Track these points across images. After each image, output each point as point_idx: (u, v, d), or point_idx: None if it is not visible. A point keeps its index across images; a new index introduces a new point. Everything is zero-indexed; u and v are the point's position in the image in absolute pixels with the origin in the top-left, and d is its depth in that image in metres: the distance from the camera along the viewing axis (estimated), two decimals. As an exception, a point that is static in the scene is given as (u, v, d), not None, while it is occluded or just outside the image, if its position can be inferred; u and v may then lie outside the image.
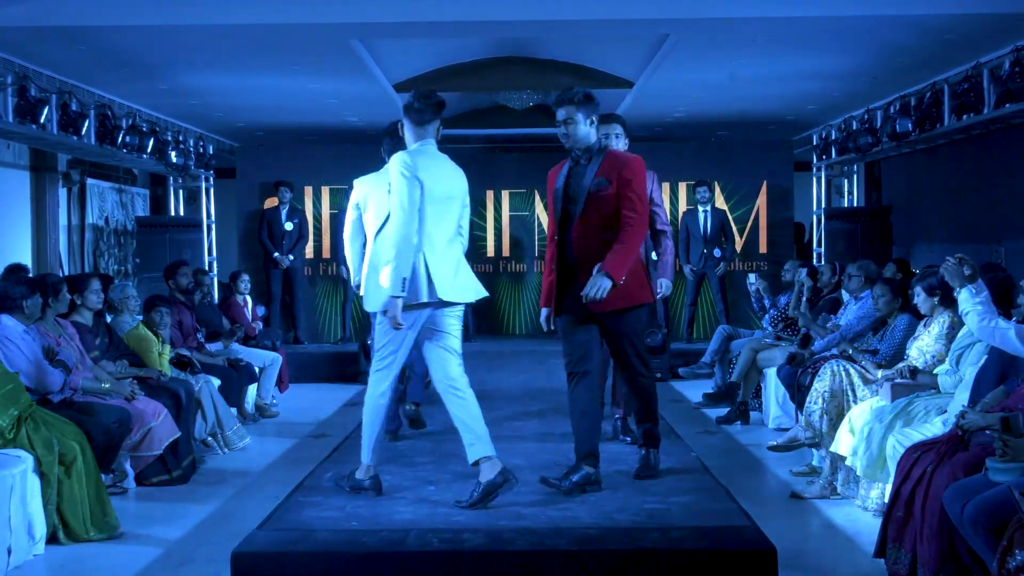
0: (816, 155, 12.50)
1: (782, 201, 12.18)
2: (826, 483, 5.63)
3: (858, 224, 11.90)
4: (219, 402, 7.14)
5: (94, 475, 5.12)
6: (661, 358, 10.45)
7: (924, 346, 5.57)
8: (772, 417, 7.52)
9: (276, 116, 11.00)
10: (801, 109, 10.81)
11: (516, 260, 12.65)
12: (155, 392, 6.31)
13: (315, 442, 7.48)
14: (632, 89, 9.80)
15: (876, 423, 5.17)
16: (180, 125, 11.16)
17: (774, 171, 12.16)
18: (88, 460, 5.11)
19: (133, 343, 6.78)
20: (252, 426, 8.07)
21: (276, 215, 11.56)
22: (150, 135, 9.86)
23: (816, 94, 9.89)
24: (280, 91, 9.51)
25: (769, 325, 8.42)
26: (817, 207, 12.80)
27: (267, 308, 11.28)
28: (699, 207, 11.37)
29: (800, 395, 6.47)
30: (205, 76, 8.80)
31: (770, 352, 7.85)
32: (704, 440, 7.32)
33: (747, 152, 12.20)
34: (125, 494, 5.88)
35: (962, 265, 4.53)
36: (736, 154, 12.22)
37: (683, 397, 9.40)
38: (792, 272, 8.45)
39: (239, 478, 6.38)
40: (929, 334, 5.58)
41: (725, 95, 9.97)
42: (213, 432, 7.04)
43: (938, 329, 5.53)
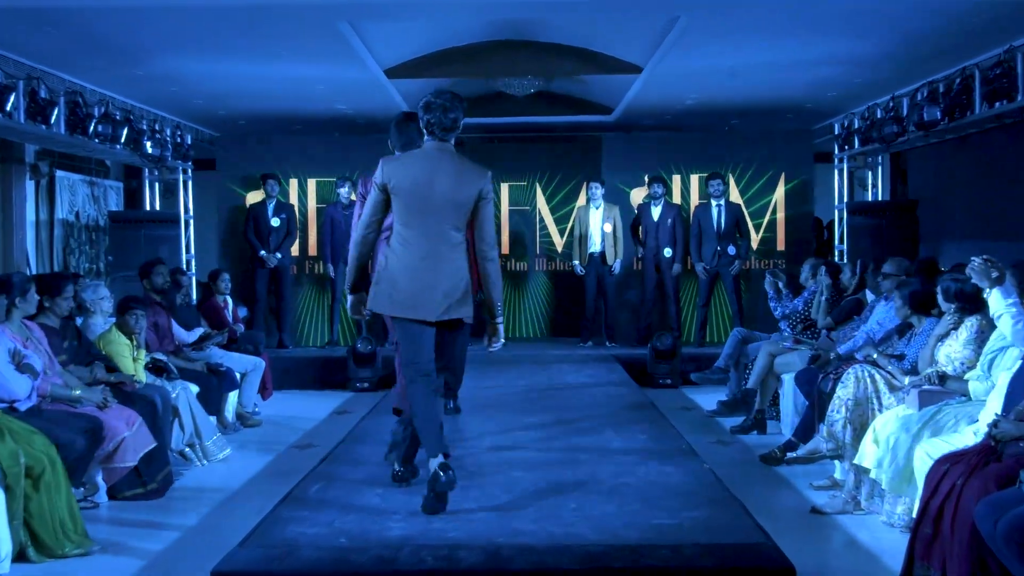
0: (838, 145, 12.48)
1: (801, 195, 12.17)
2: (849, 497, 5.62)
3: (883, 219, 11.88)
4: (197, 410, 7.13)
5: (65, 488, 5.11)
6: (671, 363, 10.47)
7: (952, 352, 5.55)
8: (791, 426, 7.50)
9: (259, 104, 10.98)
10: (822, 96, 10.79)
11: (517, 258, 12.64)
12: (129, 399, 6.30)
13: (300, 453, 7.46)
14: (640, 75, 9.78)
15: (903, 433, 5.16)
16: (156, 113, 11.14)
17: (793, 163, 12.15)
18: (58, 473, 5.10)
19: (105, 347, 6.77)
20: (233, 436, 8.06)
21: (262, 210, 11.55)
22: (124, 124, 9.84)
23: (838, 80, 9.87)
24: (264, 77, 9.49)
25: (787, 327, 8.41)
26: (839, 201, 12.78)
27: (249, 309, 11.27)
28: (712, 201, 11.36)
29: (821, 403, 6.45)
30: (183, 61, 8.79)
31: (789, 356, 7.85)
32: (718, 451, 7.31)
33: (764, 142, 12.19)
34: (96, 509, 5.87)
35: (990, 266, 4.52)
36: (752, 144, 12.21)
37: (695, 404, 9.39)
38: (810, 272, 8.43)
39: (219, 492, 6.36)
40: (957, 339, 5.57)
41: (740, 81, 9.94)
42: (191, 442, 7.03)
43: (967, 334, 5.52)
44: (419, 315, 4.86)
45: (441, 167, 4.86)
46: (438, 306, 4.84)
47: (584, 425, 6.97)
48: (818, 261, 8.57)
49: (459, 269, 4.88)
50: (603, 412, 7.52)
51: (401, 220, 4.88)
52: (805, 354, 7.55)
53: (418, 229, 4.85)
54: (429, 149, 4.93)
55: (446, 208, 4.84)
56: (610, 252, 11.56)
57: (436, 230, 4.84)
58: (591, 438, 6.52)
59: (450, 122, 4.88)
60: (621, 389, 8.72)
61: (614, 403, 7.95)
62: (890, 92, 10.39)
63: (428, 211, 4.83)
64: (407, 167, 4.89)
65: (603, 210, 11.57)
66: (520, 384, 9.01)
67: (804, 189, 12.18)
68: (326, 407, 9.51)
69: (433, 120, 4.88)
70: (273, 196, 11.57)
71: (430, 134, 4.92)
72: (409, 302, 4.85)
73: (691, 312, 11.87)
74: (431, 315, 4.86)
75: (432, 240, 4.84)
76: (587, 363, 10.42)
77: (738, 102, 11.20)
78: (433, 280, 4.83)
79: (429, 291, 4.83)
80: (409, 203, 4.85)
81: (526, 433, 6.75)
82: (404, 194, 4.84)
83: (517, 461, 5.88)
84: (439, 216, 4.84)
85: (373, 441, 6.39)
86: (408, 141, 5.44)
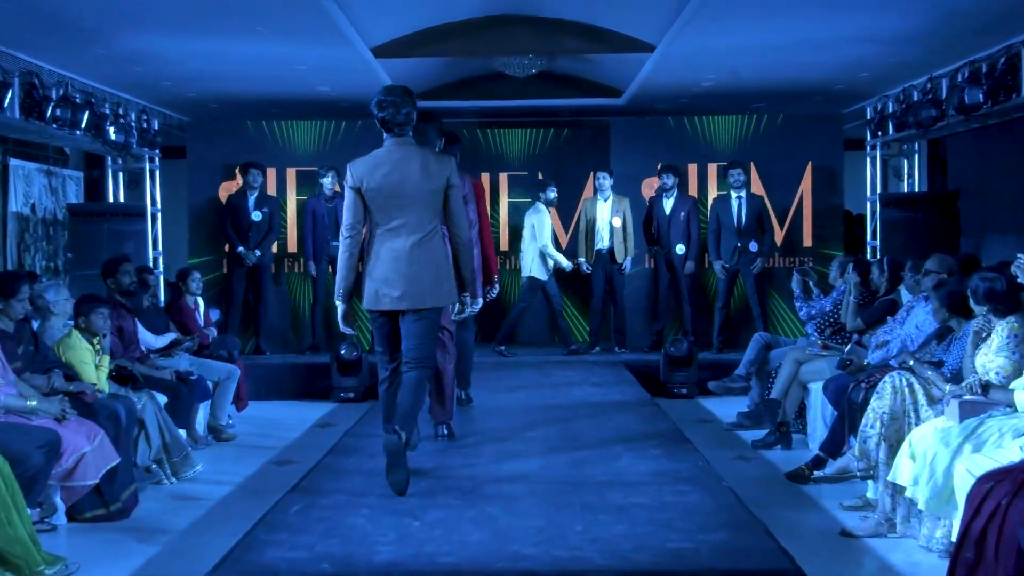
0: (870, 131, 12.49)
1: (830, 186, 12.17)
2: (883, 519, 5.62)
3: (920, 212, 11.89)
4: (166, 423, 7.14)
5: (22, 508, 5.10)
6: (687, 371, 10.47)
7: (987, 361, 5.50)
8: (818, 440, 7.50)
9: (233, 86, 10.98)
10: (853, 77, 10.80)
11: (518, 256, 12.64)
12: (90, 411, 6.30)
13: (279, 469, 7.46)
14: (653, 54, 9.79)
15: (941, 447, 5.16)
16: (121, 96, 11.14)
17: (821, 150, 12.16)
18: (13, 491, 5.09)
19: (65, 353, 6.76)
20: (205, 451, 8.06)
21: (242, 203, 11.55)
22: (85, 108, 9.85)
23: (870, 59, 9.88)
24: (238, 56, 9.49)
25: (814, 331, 8.41)
26: (872, 193, 12.79)
27: (224, 311, 11.27)
28: (732, 193, 11.37)
29: (852, 415, 6.45)
30: (150, 38, 8.79)
31: (816, 363, 7.85)
32: (738, 467, 7.31)
33: (789, 128, 12.20)
34: (54, 532, 5.87)
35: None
36: (776, 130, 12.21)
37: (713, 416, 9.39)
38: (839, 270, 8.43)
39: (189, 512, 6.36)
40: (989, 347, 5.52)
41: (763, 61, 9.95)
42: (159, 458, 7.03)
43: (999, 340, 5.47)
44: (399, 306, 5.58)
45: (406, 162, 5.55)
46: (421, 295, 5.56)
47: (591, 439, 6.97)
48: (848, 259, 8.57)
49: (435, 259, 5.60)
50: (612, 425, 7.52)
51: (376, 219, 5.58)
52: (835, 361, 7.55)
53: (393, 223, 5.56)
54: (391, 146, 5.61)
55: (417, 200, 5.54)
56: (619, 248, 11.56)
57: (411, 222, 5.54)
58: (599, 453, 6.52)
59: (404, 117, 5.57)
60: (631, 399, 8.72)
61: (624, 415, 7.95)
62: (928, 72, 10.40)
63: (401, 206, 5.54)
64: (375, 167, 5.57)
65: (611, 202, 11.57)
66: (521, 394, 9.00)
67: (833, 179, 12.18)
68: (307, 419, 9.51)
69: (388, 117, 5.57)
70: (255, 187, 11.57)
71: (388, 131, 5.61)
72: (387, 296, 5.57)
73: (708, 315, 11.87)
74: (414, 304, 5.57)
75: (408, 232, 5.55)
76: (594, 371, 10.42)
77: (761, 84, 11.21)
78: (414, 270, 5.53)
79: (411, 281, 5.53)
80: (382, 201, 5.54)
81: (527, 447, 6.76)
82: (376, 193, 5.53)
83: (517, 478, 5.87)
84: (412, 209, 5.54)
85: (359, 456, 6.39)
86: (425, 142, 6.04)
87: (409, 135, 5.66)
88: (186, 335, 8.86)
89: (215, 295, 11.54)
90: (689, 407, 9.92)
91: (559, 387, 9.43)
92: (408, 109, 5.59)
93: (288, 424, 9.26)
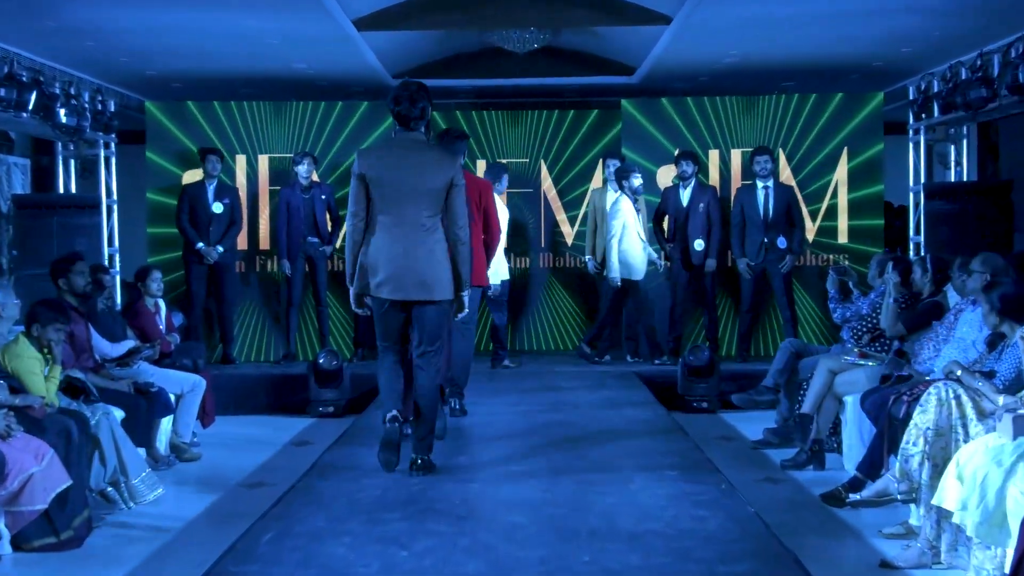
0: (913, 114, 12.50)
1: (868, 174, 12.17)
2: (927, 547, 5.62)
3: (968, 204, 11.88)
4: (123, 441, 7.13)
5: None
6: (708, 382, 10.47)
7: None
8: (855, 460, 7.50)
9: (199, 63, 10.99)
10: (893, 52, 10.81)
11: (517, 253, 12.65)
12: (38, 427, 6.29)
13: (249, 493, 7.46)
14: (670, 26, 9.79)
15: (993, 467, 5.16)
16: (72, 75, 11.15)
17: (858, 135, 12.15)
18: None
19: (10, 362, 6.75)
20: (167, 472, 8.06)
21: (201, 193, 11.55)
22: (32, 87, 9.84)
23: (913, 32, 9.88)
24: (204, 30, 9.50)
25: (850, 337, 8.41)
26: (915, 182, 12.80)
27: (186, 316, 11.27)
28: (758, 182, 11.37)
29: (893, 431, 6.45)
30: (105, 10, 8.79)
31: (852, 373, 7.84)
32: (765, 490, 7.31)
33: (822, 110, 12.19)
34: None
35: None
36: (807, 112, 12.20)
37: (737, 433, 9.39)
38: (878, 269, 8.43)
39: (149, 541, 6.35)
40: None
41: (793, 34, 9.96)
42: (115, 480, 7.02)
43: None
44: (397, 295, 6.26)
45: (413, 156, 6.28)
46: (413, 288, 6.25)
47: (600, 458, 6.97)
48: (888, 256, 8.58)
49: (432, 252, 6.27)
50: (623, 442, 7.52)
51: (378, 208, 6.25)
52: (873, 370, 7.55)
53: (394, 216, 6.23)
54: (402, 139, 6.36)
55: (419, 195, 6.23)
56: (632, 245, 11.56)
57: (410, 216, 6.23)
58: (608, 475, 6.52)
59: (419, 112, 6.31)
60: (645, 414, 8.72)
61: (637, 431, 7.95)
62: (978, 48, 10.40)
63: (403, 199, 6.22)
64: (382, 158, 6.33)
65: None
66: (521, 407, 9.00)
67: (872, 167, 12.18)
68: (282, 436, 9.50)
69: (402, 111, 6.31)
70: (214, 176, 11.57)
71: (402, 125, 6.34)
72: (388, 283, 6.24)
73: (732, 319, 11.86)
74: (408, 295, 6.27)
75: (407, 226, 6.23)
76: (604, 382, 10.42)
77: (790, 60, 11.21)
78: (408, 263, 6.22)
79: (405, 273, 6.22)
80: (385, 192, 6.23)
81: (528, 467, 6.76)
82: (380, 183, 6.22)
83: (518, 502, 5.88)
84: (413, 203, 6.23)
85: (339, 477, 6.40)
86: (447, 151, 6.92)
87: (421, 131, 6.40)
88: (145, 342, 8.86)
89: (178, 297, 11.54)
90: (710, 423, 9.92)
91: (564, 400, 9.43)
92: (423, 104, 6.31)
93: (260, 442, 9.25)
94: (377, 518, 5.59)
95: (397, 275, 6.24)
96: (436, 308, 6.38)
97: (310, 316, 12.04)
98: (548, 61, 11.93)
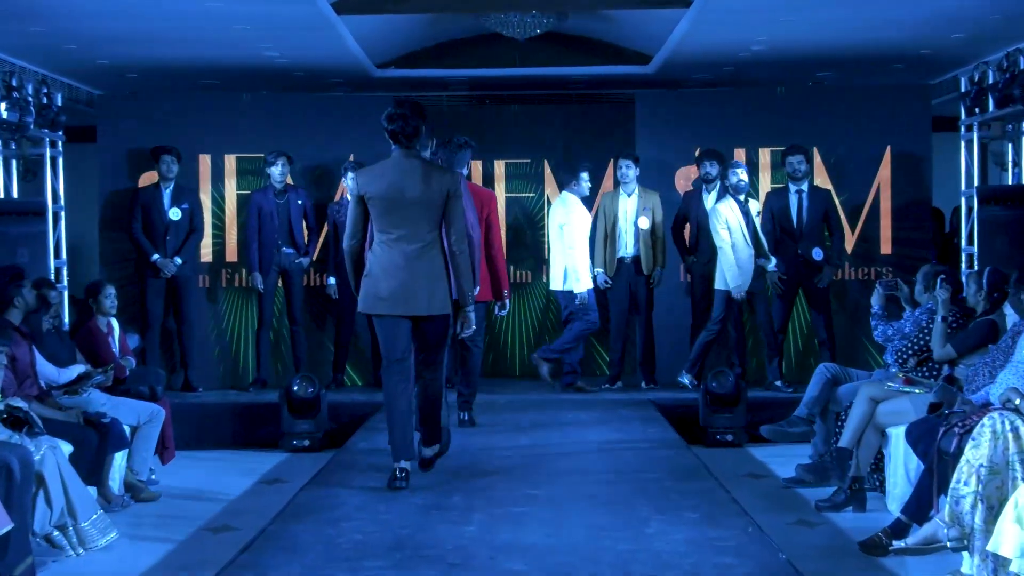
0: (965, 108, 12.51)
1: (915, 176, 12.19)
2: (981, 599, 5.63)
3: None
4: (71, 478, 7.13)
5: None
6: (734, 412, 10.46)
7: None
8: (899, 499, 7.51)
9: (158, 50, 11.00)
10: (943, 39, 10.82)
11: (517, 265, 12.68)
12: (-25, 463, 6.30)
13: (214, 538, 7.46)
14: (690, 8, 9.82)
15: (1055, 509, 5.17)
16: (14, 64, 11.17)
17: (902, 132, 12.19)
18: None
19: (-58, 390, 6.77)
20: (120, 514, 8.05)
21: (155, 198, 11.56)
22: (-32, 78, 9.86)
23: (966, 15, 9.90)
24: (165, 12, 9.51)
25: (894, 360, 8.42)
26: (967, 185, 12.80)
27: (143, 337, 11.27)
28: (791, 185, 11.39)
29: (943, 469, 6.45)
30: (51, -10, 8.82)
31: (897, 402, 7.84)
32: (799, 535, 7.31)
33: (862, 104, 12.23)
34: (-71, 617, 5.88)
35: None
36: (846, 107, 12.24)
37: (767, 470, 9.39)
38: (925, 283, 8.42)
39: (101, 592, 6.37)
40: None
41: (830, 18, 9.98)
42: (62, 524, 7.02)
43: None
44: (398, 311, 7.14)
45: (410, 173, 7.14)
46: (416, 302, 7.13)
47: (611, 498, 6.98)
48: (936, 269, 8.55)
49: (434, 267, 7.17)
50: (637, 481, 7.53)
51: (378, 225, 7.14)
52: (920, 399, 7.55)
53: (394, 232, 7.11)
54: (398, 158, 7.21)
55: (418, 211, 7.11)
56: (646, 257, 11.58)
57: (411, 232, 7.11)
58: (620, 517, 6.53)
59: (412, 130, 7.19)
60: (662, 449, 8.73)
61: (653, 469, 7.96)
62: (1039, 33, 10.44)
63: (402, 215, 7.10)
64: (380, 176, 7.20)
65: (637, 198, 11.59)
66: (522, 440, 9.02)
67: (919, 169, 12.21)
68: (251, 473, 9.50)
69: (397, 130, 7.17)
70: (169, 178, 11.59)
71: (396, 143, 7.20)
72: (390, 299, 7.12)
73: (760, 341, 11.88)
74: (409, 311, 7.14)
75: (408, 241, 7.11)
76: (615, 412, 10.42)
77: (826, 47, 11.23)
78: (410, 278, 7.09)
79: (407, 289, 7.09)
80: (384, 209, 7.11)
81: (530, 509, 6.77)
82: (379, 201, 7.12)
83: (519, 548, 5.88)
84: (412, 219, 7.11)
85: (316, 520, 6.40)
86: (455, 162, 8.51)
87: (416, 148, 7.30)
88: (97, 366, 8.86)
89: (134, 316, 11.53)
90: (736, 458, 9.92)
91: (570, 432, 9.44)
92: (417, 123, 7.19)
93: (226, 480, 9.25)
94: (358, 566, 5.61)
95: (398, 290, 7.10)
96: (437, 322, 7.24)
97: (284, 337, 12.06)
98: (552, 49, 11.96)
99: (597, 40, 12.24)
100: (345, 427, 10.34)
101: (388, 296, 7.14)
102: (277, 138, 12.03)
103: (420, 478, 7.28)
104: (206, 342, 12.05)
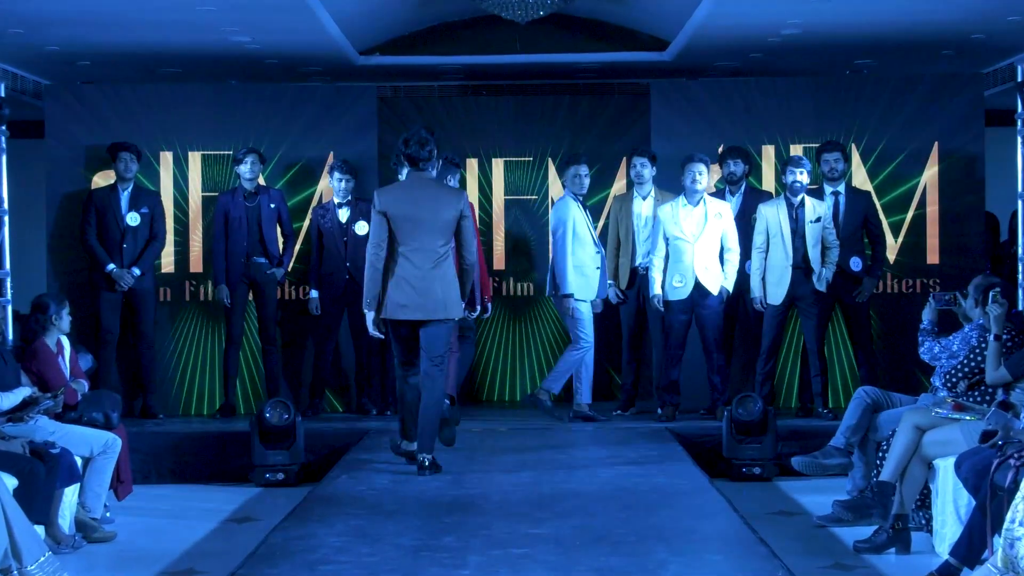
0: (1022, 99, 12.55)
1: (966, 177, 12.19)
2: (1039, 652, 5.64)
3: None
4: (15, 516, 7.14)
5: None
6: (762, 442, 10.44)
7: None
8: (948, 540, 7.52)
9: (112, 35, 11.02)
10: (996, 22, 10.85)
11: (518, 278, 12.69)
12: (-92, 499, 6.31)
13: (177, 583, 7.49)
14: (712, -11, 9.87)
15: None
16: (-48, 50, 11.21)
17: (952, 127, 12.19)
18: None
19: None
20: (70, 556, 8.06)
21: (111, 201, 11.56)
22: (-99, 66, 9.88)
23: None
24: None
25: (942, 383, 8.42)
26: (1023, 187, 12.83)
27: (96, 357, 11.29)
28: (826, 187, 11.39)
29: (998, 506, 6.46)
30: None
31: (946, 431, 7.85)
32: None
33: (905, 95, 12.24)
34: None
35: None
36: (887, 99, 12.25)
37: (800, 507, 9.40)
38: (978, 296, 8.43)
39: (49, 644, 6.38)
40: None
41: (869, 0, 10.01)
42: (5, 567, 7.04)
43: None
44: (415, 316, 8.67)
45: (426, 195, 8.71)
46: (430, 308, 8.65)
47: (623, 539, 6.99)
48: (990, 281, 8.54)
49: (447, 277, 8.72)
50: (653, 519, 7.53)
51: (398, 240, 8.66)
52: (971, 427, 7.56)
53: (412, 246, 8.65)
54: (414, 180, 8.80)
55: (434, 227, 8.66)
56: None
57: (427, 246, 8.65)
58: (634, 559, 6.54)
59: (427, 154, 8.68)
60: (681, 483, 8.74)
61: (670, 506, 7.98)
62: (1104, 17, 10.47)
63: (419, 231, 8.64)
64: (397, 196, 8.78)
65: (653, 201, 11.59)
66: (524, 475, 9.03)
67: (970, 168, 12.22)
68: (217, 510, 9.50)
69: (412, 153, 8.68)
70: (128, 179, 11.59)
71: (412, 165, 8.75)
72: (410, 306, 8.64)
73: (791, 362, 11.88)
74: (427, 315, 8.66)
75: (423, 253, 8.64)
76: (628, 443, 10.43)
77: (866, 31, 11.25)
78: (426, 286, 8.63)
79: (423, 296, 8.62)
80: (402, 225, 8.64)
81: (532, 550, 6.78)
82: (397, 219, 8.64)
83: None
84: (429, 234, 8.65)
85: (292, 563, 6.41)
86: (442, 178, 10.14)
87: (429, 171, 8.77)
88: (45, 390, 8.88)
89: (87, 333, 11.53)
90: (764, 493, 9.93)
91: (578, 464, 9.45)
92: (431, 147, 8.68)
93: (190, 517, 9.26)
94: None
95: (416, 297, 8.63)
96: (445, 325, 8.80)
97: (255, 358, 12.07)
98: (558, 33, 12.00)
99: (607, 23, 12.28)
100: (324, 459, 10.35)
101: (408, 303, 8.62)
102: (247, 133, 12.03)
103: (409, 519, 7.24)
104: (167, 363, 12.05)
